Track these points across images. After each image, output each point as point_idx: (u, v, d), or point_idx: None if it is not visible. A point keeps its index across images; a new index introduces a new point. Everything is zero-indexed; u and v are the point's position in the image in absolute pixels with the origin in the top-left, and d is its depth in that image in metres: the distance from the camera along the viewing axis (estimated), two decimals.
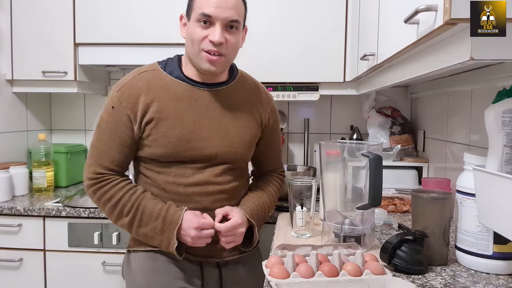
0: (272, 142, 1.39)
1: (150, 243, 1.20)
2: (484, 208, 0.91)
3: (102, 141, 1.19)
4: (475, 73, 1.28)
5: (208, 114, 1.20)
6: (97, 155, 1.19)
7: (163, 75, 1.21)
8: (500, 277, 0.97)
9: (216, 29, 1.12)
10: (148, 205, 1.16)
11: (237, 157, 1.24)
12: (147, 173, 1.23)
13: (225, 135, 1.22)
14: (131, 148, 1.20)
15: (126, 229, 1.20)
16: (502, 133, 0.92)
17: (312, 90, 1.88)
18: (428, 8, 0.74)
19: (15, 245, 1.72)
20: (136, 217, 1.16)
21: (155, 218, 1.15)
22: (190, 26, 1.16)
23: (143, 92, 1.17)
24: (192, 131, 1.18)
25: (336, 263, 0.96)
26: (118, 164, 1.20)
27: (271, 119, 1.35)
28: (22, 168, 1.92)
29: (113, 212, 1.18)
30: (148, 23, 1.86)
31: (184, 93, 1.20)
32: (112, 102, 1.19)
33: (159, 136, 1.17)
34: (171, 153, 1.17)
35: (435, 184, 1.43)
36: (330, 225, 1.20)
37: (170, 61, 1.25)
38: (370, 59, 1.32)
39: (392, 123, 2.01)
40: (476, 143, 1.38)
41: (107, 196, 1.17)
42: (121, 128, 1.17)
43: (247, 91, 1.30)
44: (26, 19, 1.95)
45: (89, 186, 1.19)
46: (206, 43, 1.14)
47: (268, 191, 1.34)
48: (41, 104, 2.29)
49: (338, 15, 1.83)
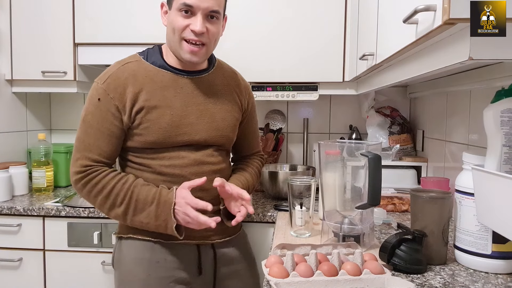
0: (251, 125, 1.45)
1: (147, 229, 1.19)
2: (483, 208, 0.91)
3: (89, 134, 1.19)
4: (474, 73, 1.28)
5: (193, 100, 1.24)
6: (84, 148, 1.18)
7: (146, 65, 1.23)
8: (499, 276, 0.97)
9: (198, 18, 1.16)
10: (141, 192, 1.16)
11: (223, 140, 1.29)
12: (138, 160, 1.23)
13: (211, 119, 1.26)
14: (119, 139, 1.21)
15: (120, 219, 1.20)
16: (501, 133, 0.92)
17: (311, 90, 1.88)
18: (427, 8, 0.74)
19: (14, 245, 1.72)
20: (130, 205, 1.16)
21: (150, 204, 1.15)
22: (171, 15, 1.19)
23: (129, 82, 1.19)
24: (181, 117, 1.21)
25: (336, 262, 0.97)
26: (107, 156, 1.20)
27: (250, 104, 1.41)
28: (21, 168, 1.92)
29: (106, 203, 1.17)
30: (148, 23, 1.85)
31: (169, 82, 1.22)
32: (97, 94, 1.19)
33: (150, 124, 1.18)
34: (163, 139, 1.19)
35: (434, 184, 1.43)
36: (329, 224, 1.21)
37: (151, 51, 1.28)
38: (369, 59, 1.33)
39: (391, 122, 2.01)
40: (475, 142, 1.38)
41: (98, 188, 1.16)
42: (109, 119, 1.18)
43: (226, 77, 1.35)
44: (25, 19, 1.95)
45: (78, 180, 1.17)
46: (187, 32, 1.17)
47: (251, 171, 1.40)
48: (40, 104, 2.29)
49: (337, 15, 1.83)
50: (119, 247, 1.28)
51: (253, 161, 1.45)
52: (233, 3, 1.80)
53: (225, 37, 1.39)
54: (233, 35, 1.78)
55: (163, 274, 1.21)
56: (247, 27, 1.84)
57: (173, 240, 1.21)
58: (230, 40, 1.74)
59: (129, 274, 1.24)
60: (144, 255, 1.22)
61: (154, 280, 1.21)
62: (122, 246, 1.27)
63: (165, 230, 1.16)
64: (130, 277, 1.24)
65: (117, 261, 1.28)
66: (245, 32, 1.84)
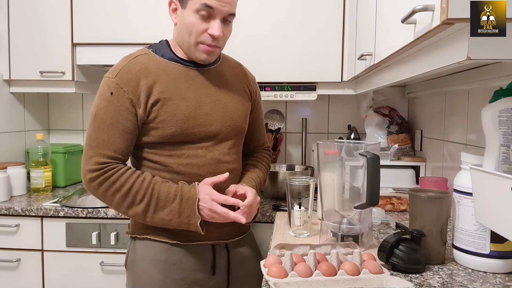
0: (259, 115, 1.45)
1: (167, 226, 1.17)
2: (481, 207, 0.92)
3: (102, 130, 1.14)
4: (472, 72, 1.28)
5: (206, 91, 1.24)
6: (98, 145, 1.14)
7: (157, 57, 1.22)
8: (497, 276, 0.97)
9: (216, 23, 1.15)
10: (162, 189, 1.14)
11: (238, 130, 1.28)
12: (155, 158, 1.20)
13: (225, 109, 1.25)
14: (134, 134, 1.17)
15: (139, 218, 1.16)
16: (499, 132, 0.93)
17: (310, 90, 1.88)
18: (425, 8, 0.74)
19: (13, 245, 1.71)
20: (151, 203, 1.13)
21: (172, 200, 1.13)
22: (188, 15, 1.15)
23: (142, 75, 1.17)
24: (196, 107, 1.20)
25: (334, 262, 0.97)
26: (122, 152, 1.16)
27: (257, 94, 1.42)
28: (20, 168, 1.92)
29: (124, 202, 1.14)
30: (146, 23, 1.85)
31: (181, 74, 1.22)
32: (109, 88, 1.15)
33: (167, 116, 1.16)
34: (181, 131, 1.17)
35: (433, 183, 1.43)
36: (328, 224, 1.21)
37: (158, 46, 1.27)
38: (367, 59, 1.33)
39: (389, 122, 2.02)
40: (473, 142, 1.38)
41: (117, 186, 1.12)
42: (123, 114, 1.14)
43: (233, 68, 1.36)
44: (23, 19, 1.95)
45: (93, 178, 1.12)
46: (205, 37, 1.16)
47: (261, 168, 1.40)
48: (39, 104, 2.29)
49: (335, 15, 1.83)
50: (133, 248, 1.25)
51: (262, 156, 1.45)
52: None
53: None
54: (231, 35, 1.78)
55: (179, 276, 1.21)
56: (245, 27, 1.84)
57: (190, 241, 1.21)
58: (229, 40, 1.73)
59: (144, 275, 1.22)
60: (160, 256, 1.21)
61: (170, 282, 1.20)
62: (137, 246, 1.24)
63: (188, 226, 1.14)
64: (145, 279, 1.22)
65: (131, 262, 1.26)
66: (244, 31, 1.84)
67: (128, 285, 1.28)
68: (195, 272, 1.22)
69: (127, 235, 1.28)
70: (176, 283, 1.21)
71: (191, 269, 1.22)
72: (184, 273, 1.21)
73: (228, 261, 1.29)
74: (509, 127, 0.92)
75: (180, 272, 1.21)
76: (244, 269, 1.31)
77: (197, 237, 1.20)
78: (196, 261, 1.23)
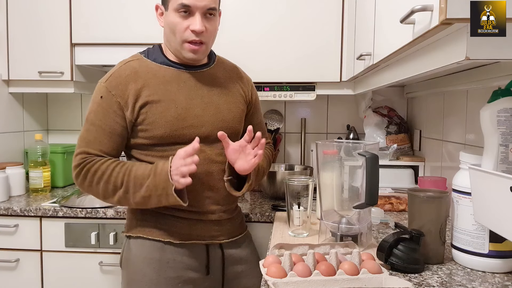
0: (257, 116, 1.45)
1: (150, 204, 1.17)
2: (480, 207, 0.92)
3: (90, 132, 1.19)
4: (471, 72, 1.28)
5: (197, 93, 1.25)
6: (85, 144, 1.18)
7: (148, 62, 1.25)
8: (496, 275, 0.97)
9: (196, 18, 1.17)
10: (139, 169, 1.16)
11: (231, 131, 1.27)
12: (147, 159, 1.22)
13: (217, 111, 1.26)
14: (122, 136, 1.20)
15: (124, 202, 1.18)
16: (498, 132, 0.93)
17: (309, 90, 1.89)
18: (423, 8, 0.74)
19: (11, 245, 1.71)
20: (130, 183, 1.15)
21: (147, 177, 1.14)
22: (169, 16, 1.20)
23: (131, 79, 1.20)
24: (186, 109, 1.21)
25: (333, 262, 0.97)
26: (107, 152, 1.19)
27: (254, 96, 1.42)
28: (18, 168, 1.92)
29: (108, 188, 1.16)
30: (144, 23, 1.85)
31: (172, 77, 1.23)
32: (100, 92, 1.20)
33: (156, 118, 1.18)
34: (170, 133, 1.19)
35: (431, 183, 1.43)
36: (327, 224, 1.21)
37: (151, 50, 1.29)
38: (366, 59, 1.33)
39: (388, 122, 2.02)
40: (472, 142, 1.38)
41: (98, 175, 1.15)
42: (111, 117, 1.18)
43: (228, 70, 1.37)
44: (22, 19, 1.94)
45: (78, 174, 1.17)
46: (188, 34, 1.19)
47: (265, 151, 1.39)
48: (37, 104, 2.28)
49: (334, 15, 1.83)
50: (128, 246, 1.27)
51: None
52: (230, 3, 1.81)
53: (222, 36, 1.39)
54: (230, 35, 1.78)
55: (173, 274, 1.21)
56: (244, 27, 1.84)
57: (183, 240, 1.22)
58: (227, 40, 1.74)
59: (138, 274, 1.23)
60: (154, 255, 1.22)
61: (164, 281, 1.21)
62: (131, 245, 1.26)
63: (167, 199, 1.13)
64: (139, 277, 1.23)
65: (126, 261, 1.27)
66: (243, 31, 1.84)
67: (123, 283, 1.28)
68: (189, 271, 1.23)
69: (123, 234, 1.30)
70: (170, 281, 1.21)
71: (184, 268, 1.23)
72: (177, 271, 1.22)
73: (222, 261, 1.29)
74: (507, 127, 0.92)
75: (173, 270, 1.22)
76: (239, 270, 1.32)
77: (190, 236, 1.23)
78: (190, 260, 1.24)
